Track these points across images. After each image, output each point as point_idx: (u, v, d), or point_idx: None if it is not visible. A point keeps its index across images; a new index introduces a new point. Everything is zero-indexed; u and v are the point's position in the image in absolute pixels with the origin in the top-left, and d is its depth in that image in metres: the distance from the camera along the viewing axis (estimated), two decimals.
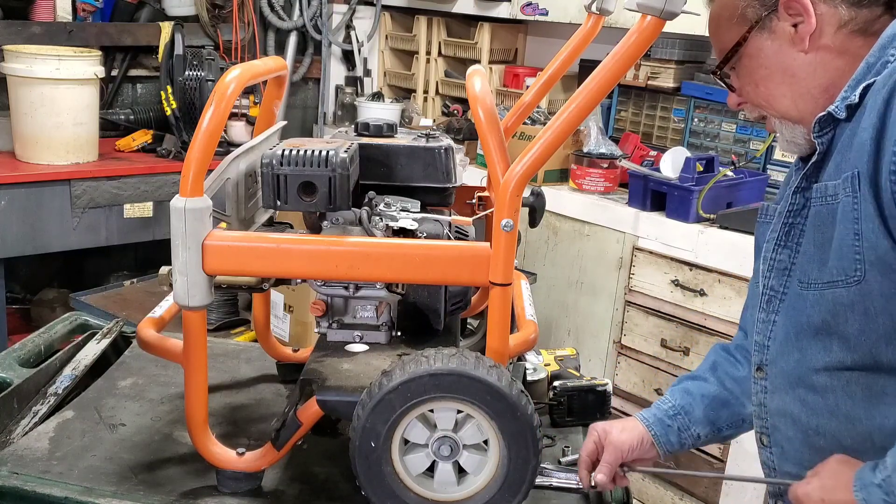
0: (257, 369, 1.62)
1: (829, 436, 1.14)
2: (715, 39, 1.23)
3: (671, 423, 1.34)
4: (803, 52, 1.13)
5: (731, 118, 3.27)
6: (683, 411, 1.36)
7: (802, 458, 1.18)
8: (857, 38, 1.11)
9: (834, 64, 1.13)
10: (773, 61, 1.16)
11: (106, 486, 1.22)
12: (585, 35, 1.45)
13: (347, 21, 4.35)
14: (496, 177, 1.13)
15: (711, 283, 2.78)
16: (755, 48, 1.16)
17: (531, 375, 1.52)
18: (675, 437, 1.34)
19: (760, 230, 1.29)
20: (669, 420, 1.35)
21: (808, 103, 1.15)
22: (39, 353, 1.62)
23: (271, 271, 1.18)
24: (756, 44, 1.16)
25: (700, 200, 2.85)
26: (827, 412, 1.13)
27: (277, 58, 1.39)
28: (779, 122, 1.20)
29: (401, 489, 1.11)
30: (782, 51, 1.14)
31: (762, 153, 3.14)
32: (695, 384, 1.38)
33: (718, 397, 1.36)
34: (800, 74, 1.14)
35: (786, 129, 1.20)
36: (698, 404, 1.36)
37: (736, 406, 1.36)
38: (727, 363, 1.39)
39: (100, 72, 3.31)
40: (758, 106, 1.21)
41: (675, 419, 1.35)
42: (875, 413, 1.09)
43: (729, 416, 1.37)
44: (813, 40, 1.12)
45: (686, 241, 2.84)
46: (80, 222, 3.25)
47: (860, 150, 1.04)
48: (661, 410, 1.36)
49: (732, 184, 2.98)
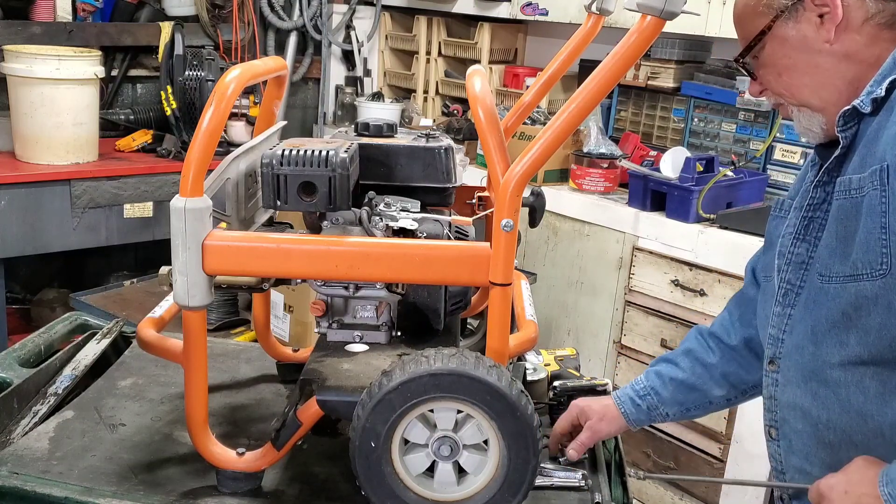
0: (257, 369, 1.62)
1: (839, 430, 1.15)
2: (739, 27, 1.24)
3: (640, 403, 1.47)
4: (828, 43, 1.13)
5: (731, 118, 3.27)
6: (654, 392, 1.47)
7: (810, 451, 1.19)
8: (885, 31, 1.11)
9: (860, 56, 1.12)
10: (797, 51, 1.16)
11: (106, 486, 1.22)
12: (585, 35, 1.45)
13: (347, 21, 4.35)
14: (496, 177, 1.13)
15: (711, 283, 2.78)
16: (780, 37, 1.16)
17: (531, 375, 1.52)
18: (644, 415, 1.47)
19: (774, 224, 1.30)
20: (640, 400, 1.47)
21: (831, 94, 1.15)
22: (39, 353, 1.62)
23: (271, 271, 1.18)
24: (781, 33, 1.16)
25: (700, 200, 2.85)
26: (839, 407, 1.14)
27: (277, 58, 1.39)
28: (797, 109, 1.20)
29: (401, 489, 1.11)
30: (807, 41, 1.14)
31: (762, 153, 3.14)
32: (667, 367, 1.49)
33: (686, 382, 1.46)
34: (824, 65, 1.14)
35: (804, 116, 1.20)
36: (668, 387, 1.47)
37: (703, 391, 1.47)
38: (700, 349, 1.48)
39: (100, 72, 3.31)
40: (778, 95, 1.21)
41: (644, 399, 1.47)
42: (887, 409, 1.10)
43: (696, 399, 1.48)
44: (839, 32, 1.12)
45: (686, 241, 2.84)
46: (80, 222, 3.25)
47: (889, 144, 1.04)
48: (633, 390, 1.48)
49: (732, 184, 2.98)
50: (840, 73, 1.14)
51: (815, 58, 1.15)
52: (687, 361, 1.48)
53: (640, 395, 1.47)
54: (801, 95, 1.18)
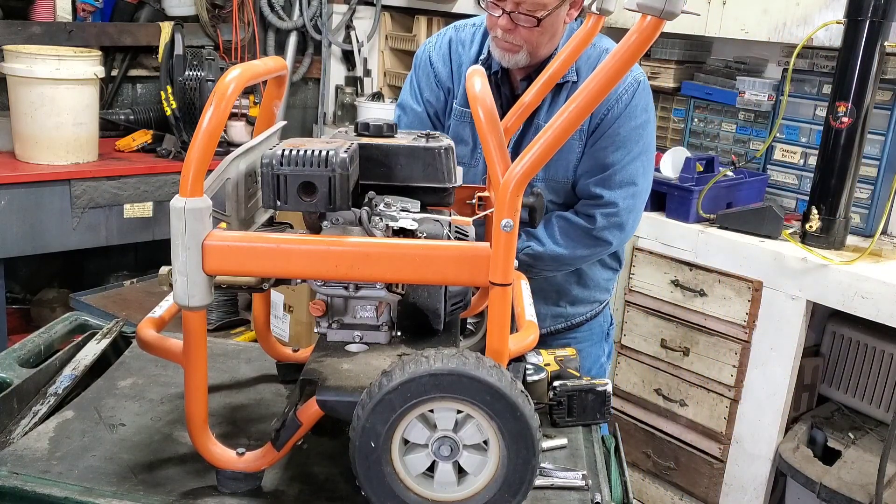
0: (257, 369, 1.62)
1: None
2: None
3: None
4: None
5: (731, 118, 3.27)
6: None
7: None
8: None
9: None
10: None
11: (106, 486, 1.22)
12: (585, 35, 1.45)
13: (347, 21, 4.36)
14: (496, 177, 1.13)
15: (711, 283, 2.78)
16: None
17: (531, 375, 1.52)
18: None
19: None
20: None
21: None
22: (39, 353, 1.62)
23: (271, 271, 1.18)
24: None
25: (700, 200, 2.85)
26: None
27: (277, 58, 1.39)
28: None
29: (401, 489, 1.11)
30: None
31: (762, 153, 3.14)
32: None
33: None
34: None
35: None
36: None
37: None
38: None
39: (100, 72, 3.31)
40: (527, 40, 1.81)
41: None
42: None
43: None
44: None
45: (686, 241, 2.84)
46: (80, 222, 3.26)
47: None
48: None
49: (732, 184, 2.98)
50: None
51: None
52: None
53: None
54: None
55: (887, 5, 2.48)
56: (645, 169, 1.88)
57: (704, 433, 2.87)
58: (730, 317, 2.74)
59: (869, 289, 2.42)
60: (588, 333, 2.09)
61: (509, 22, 1.74)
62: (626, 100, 1.82)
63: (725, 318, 2.76)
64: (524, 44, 1.77)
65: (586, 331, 2.09)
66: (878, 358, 2.79)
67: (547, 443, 1.41)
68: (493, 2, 1.74)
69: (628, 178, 1.84)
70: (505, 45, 1.78)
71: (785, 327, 2.64)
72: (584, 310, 2.06)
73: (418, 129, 1.97)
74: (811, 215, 2.66)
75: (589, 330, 2.09)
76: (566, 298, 2.02)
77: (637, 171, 1.85)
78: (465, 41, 1.97)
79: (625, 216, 1.86)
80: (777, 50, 3.19)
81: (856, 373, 2.87)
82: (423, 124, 1.98)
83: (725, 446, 2.82)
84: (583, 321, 2.07)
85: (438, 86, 1.97)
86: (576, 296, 2.02)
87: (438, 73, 1.97)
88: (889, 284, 2.40)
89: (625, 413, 3.09)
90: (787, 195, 3.13)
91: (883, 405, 2.80)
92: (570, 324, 2.05)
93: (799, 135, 3.07)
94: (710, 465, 2.85)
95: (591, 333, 2.10)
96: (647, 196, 1.93)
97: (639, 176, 1.86)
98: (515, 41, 1.77)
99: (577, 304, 2.04)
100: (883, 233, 2.86)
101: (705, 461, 2.87)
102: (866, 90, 2.56)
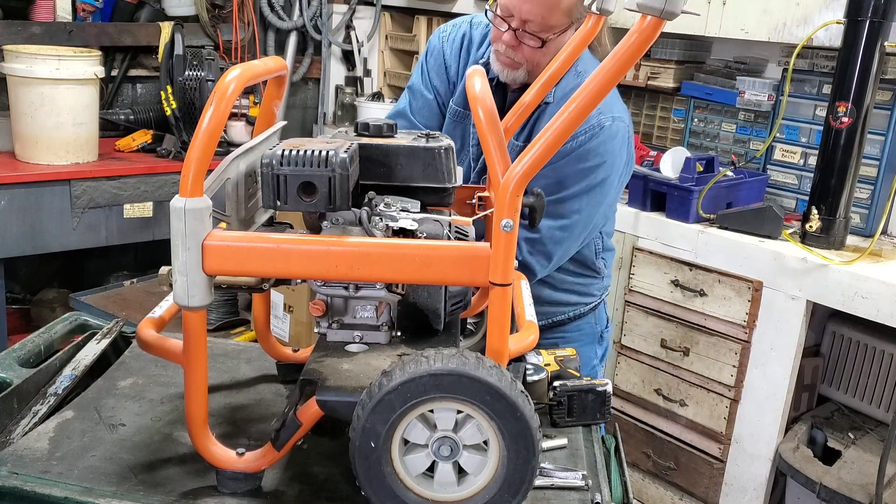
0: (257, 369, 1.62)
1: None
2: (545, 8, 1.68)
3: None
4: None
5: (731, 118, 3.27)
6: None
7: None
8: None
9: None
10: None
11: (106, 486, 1.22)
12: (585, 35, 1.45)
13: (347, 21, 4.36)
14: (496, 177, 1.13)
15: (711, 284, 2.78)
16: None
17: (531, 376, 1.52)
18: None
19: None
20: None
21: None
22: (39, 353, 1.62)
23: (271, 271, 1.18)
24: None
25: (700, 200, 2.85)
26: None
27: (277, 58, 1.38)
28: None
29: (401, 489, 1.11)
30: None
31: (762, 153, 3.14)
32: None
33: None
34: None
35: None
36: None
37: None
38: None
39: (100, 72, 3.31)
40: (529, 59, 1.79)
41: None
42: None
43: None
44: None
45: (686, 241, 2.84)
46: (80, 222, 3.26)
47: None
48: None
49: (732, 184, 2.98)
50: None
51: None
52: None
53: None
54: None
55: (887, 5, 2.48)
56: (583, 208, 1.80)
57: (704, 433, 2.87)
58: (730, 317, 2.74)
59: (869, 289, 2.43)
60: (578, 333, 2.06)
61: (514, 39, 1.73)
62: (582, 140, 1.75)
63: (725, 318, 2.76)
64: (525, 62, 1.77)
65: (575, 330, 2.06)
66: (878, 358, 2.79)
67: (547, 443, 1.41)
68: (500, 16, 1.73)
69: (562, 211, 1.78)
70: (506, 60, 1.78)
71: (785, 327, 2.64)
72: (565, 309, 2.03)
73: (425, 112, 2.00)
74: (811, 215, 2.66)
75: (578, 330, 2.06)
76: (538, 301, 1.91)
77: (573, 208, 1.79)
78: (476, 41, 1.96)
79: (551, 247, 1.80)
80: (777, 50, 3.19)
81: (856, 373, 2.87)
82: (430, 109, 1.97)
83: (725, 446, 2.82)
84: (566, 319, 2.04)
85: (447, 77, 1.97)
86: (547, 298, 1.98)
87: (449, 67, 1.97)
88: (889, 284, 2.40)
89: (625, 413, 3.09)
90: (787, 195, 3.14)
91: (883, 405, 2.80)
92: (551, 321, 2.02)
93: (799, 135, 3.07)
94: (710, 466, 2.85)
95: (581, 334, 2.07)
96: (587, 233, 1.87)
97: (574, 213, 1.79)
98: (517, 58, 1.77)
99: (553, 305, 2.00)
100: (883, 233, 2.86)
101: (705, 461, 2.87)
102: (866, 90, 2.56)
